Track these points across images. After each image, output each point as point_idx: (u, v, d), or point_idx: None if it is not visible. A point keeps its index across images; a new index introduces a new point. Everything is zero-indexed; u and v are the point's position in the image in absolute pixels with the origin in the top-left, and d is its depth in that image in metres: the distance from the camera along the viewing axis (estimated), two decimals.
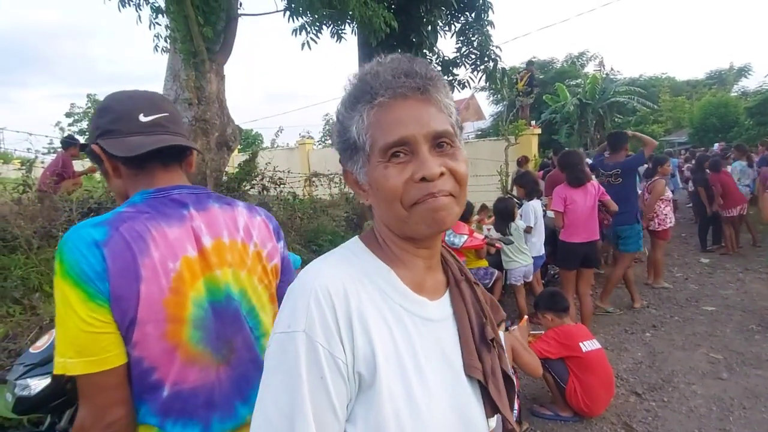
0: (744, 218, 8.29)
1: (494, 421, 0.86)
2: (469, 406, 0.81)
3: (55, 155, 7.34)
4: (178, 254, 1.07)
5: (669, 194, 6.50)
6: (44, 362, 2.09)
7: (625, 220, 5.33)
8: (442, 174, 0.76)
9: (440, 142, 0.78)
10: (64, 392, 2.09)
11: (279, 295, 1.28)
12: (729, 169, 9.13)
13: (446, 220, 0.78)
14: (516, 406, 3.10)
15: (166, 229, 1.08)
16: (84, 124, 29.03)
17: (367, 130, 0.77)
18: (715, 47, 74.79)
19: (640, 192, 6.63)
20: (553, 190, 4.95)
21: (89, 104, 28.79)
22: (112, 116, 1.14)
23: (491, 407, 0.83)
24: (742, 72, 29.17)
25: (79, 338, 0.96)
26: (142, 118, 1.15)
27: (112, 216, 1.06)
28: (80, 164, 7.65)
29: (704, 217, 8.47)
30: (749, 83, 27.62)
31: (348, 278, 0.77)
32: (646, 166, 7.73)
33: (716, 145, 14.73)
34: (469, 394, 0.82)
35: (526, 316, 4.06)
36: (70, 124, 28.72)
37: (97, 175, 7.88)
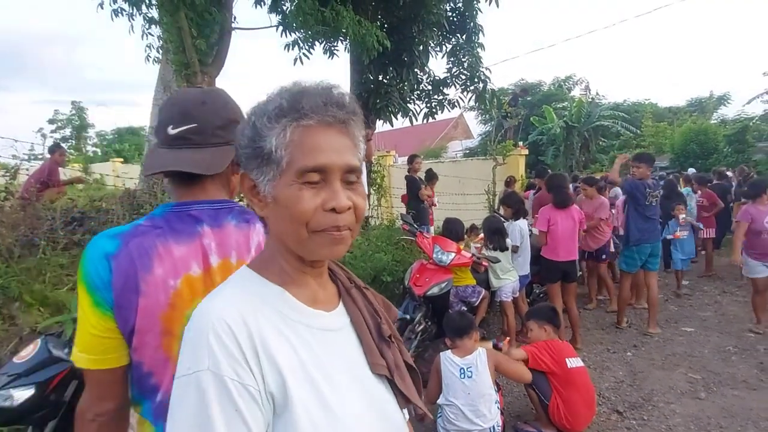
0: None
1: (406, 412, 0.93)
2: (384, 402, 0.87)
3: (35, 162, 7.25)
4: (179, 272, 1.09)
5: None
6: (28, 372, 2.06)
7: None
8: (349, 207, 0.79)
9: (349, 176, 0.80)
10: (48, 404, 2.07)
11: None
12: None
13: (341, 252, 0.82)
14: (500, 423, 3.13)
15: (174, 246, 1.10)
16: (67, 131, 28.52)
17: (287, 147, 0.77)
18: (695, 76, 76.96)
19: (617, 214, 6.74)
20: (540, 210, 5.21)
21: (73, 111, 28.35)
22: (156, 125, 1.18)
23: (402, 398, 0.89)
24: (722, 100, 29.92)
25: (87, 338, 1.05)
26: (170, 130, 1.16)
27: (129, 228, 1.11)
28: (64, 172, 7.58)
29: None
30: (728, 111, 28.32)
31: (243, 305, 0.77)
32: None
33: (691, 169, 15.07)
34: (382, 390, 0.87)
35: (508, 338, 4.10)
36: (52, 131, 28.18)
37: (80, 186, 7.80)
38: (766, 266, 5.45)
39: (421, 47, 8.19)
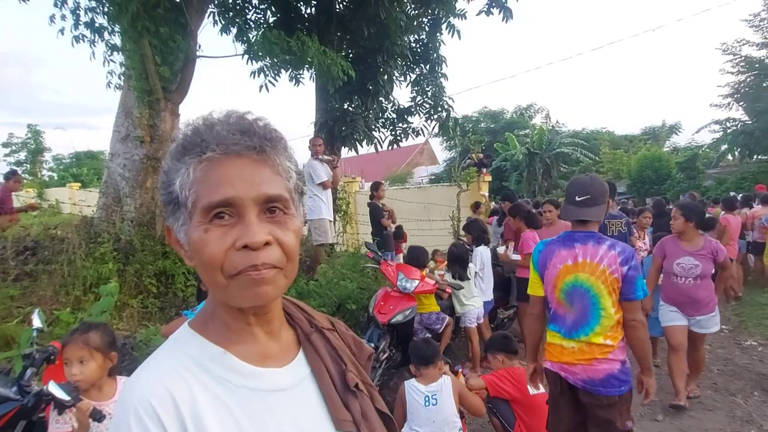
0: None
1: None
2: None
3: None
4: (562, 262, 2.64)
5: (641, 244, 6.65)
6: None
7: None
8: (267, 243, 0.69)
9: (272, 207, 0.72)
10: None
11: (621, 293, 2.54)
12: None
13: (269, 295, 0.72)
14: None
15: (562, 251, 2.66)
16: (22, 155, 27.58)
17: (192, 186, 0.69)
18: (649, 106, 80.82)
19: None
20: (523, 235, 5.37)
21: (29, 135, 27.45)
22: (566, 194, 2.72)
23: None
24: (673, 129, 31.47)
25: (531, 282, 2.82)
26: (576, 198, 2.61)
27: (549, 240, 2.80)
28: (17, 197, 7.32)
29: None
30: (679, 139, 29.88)
31: (174, 377, 0.69)
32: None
33: (649, 199, 15.71)
34: None
35: (461, 369, 4.10)
36: (6, 155, 27.28)
37: (34, 213, 7.55)
38: (681, 314, 4.28)
39: (385, 77, 8.39)
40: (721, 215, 8.15)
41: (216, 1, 7.43)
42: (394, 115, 9.07)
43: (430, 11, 8.44)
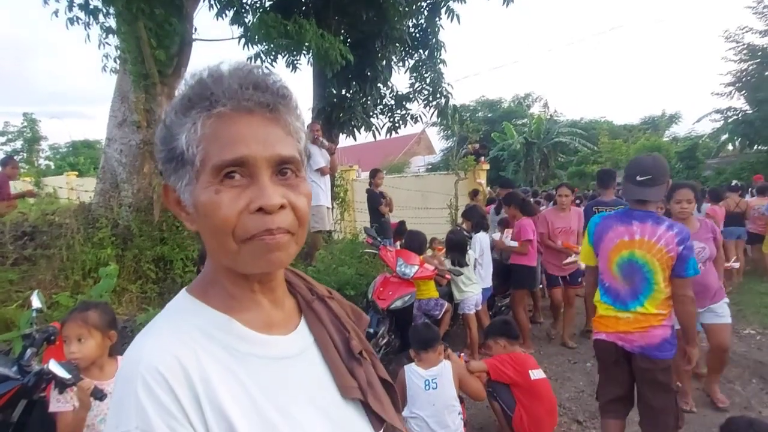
0: None
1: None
2: (354, 430, 0.77)
3: None
4: (619, 237, 2.80)
5: None
6: None
7: None
8: (282, 207, 0.66)
9: (284, 169, 0.69)
10: None
11: (674, 270, 2.72)
12: None
13: (282, 261, 0.69)
14: None
15: (619, 226, 2.81)
16: (18, 144, 27.35)
17: (200, 142, 0.65)
18: (648, 95, 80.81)
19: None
20: (519, 222, 5.57)
21: (25, 123, 27.18)
22: (627, 174, 2.80)
23: (377, 419, 0.79)
24: (673, 119, 31.39)
25: (584, 252, 3.09)
26: (638, 178, 2.72)
27: (606, 214, 3.05)
28: (14, 185, 7.28)
29: None
30: (679, 129, 29.86)
31: (180, 345, 0.65)
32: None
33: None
34: (352, 415, 0.78)
35: (462, 354, 4.11)
36: (2, 143, 26.97)
37: (31, 200, 7.51)
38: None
39: (384, 62, 8.29)
40: (707, 207, 8.18)
41: None
42: (393, 102, 8.98)
43: None
